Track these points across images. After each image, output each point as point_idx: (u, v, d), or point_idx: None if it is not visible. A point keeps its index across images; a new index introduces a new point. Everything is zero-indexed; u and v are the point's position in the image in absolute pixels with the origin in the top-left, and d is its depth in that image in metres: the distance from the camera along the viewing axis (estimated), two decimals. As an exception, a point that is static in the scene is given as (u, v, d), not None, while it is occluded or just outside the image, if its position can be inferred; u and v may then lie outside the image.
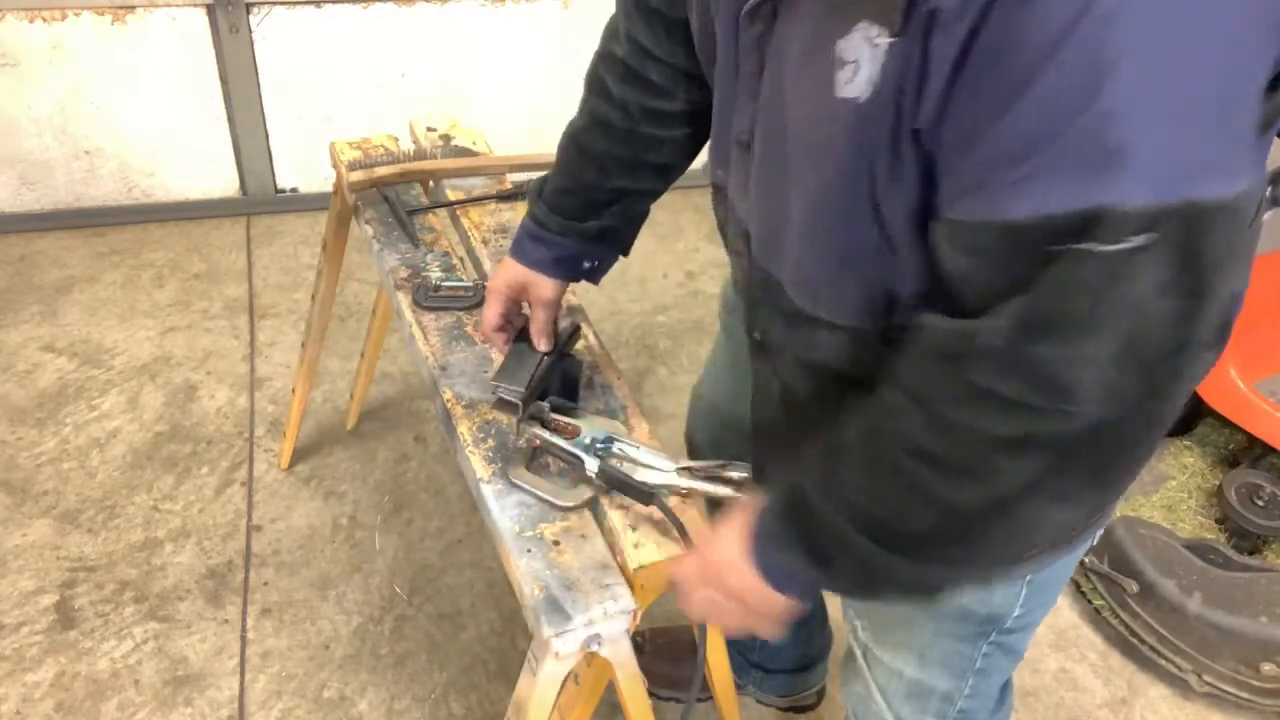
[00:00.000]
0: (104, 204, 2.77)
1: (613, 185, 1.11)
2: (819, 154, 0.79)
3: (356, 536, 1.96)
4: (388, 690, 1.70)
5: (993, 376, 0.70)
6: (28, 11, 2.45)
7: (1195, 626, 1.74)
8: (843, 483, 0.80)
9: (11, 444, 2.08)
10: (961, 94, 0.66)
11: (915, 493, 0.76)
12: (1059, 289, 0.65)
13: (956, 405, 0.72)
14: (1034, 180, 0.64)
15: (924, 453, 0.74)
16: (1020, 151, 0.64)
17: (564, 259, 1.14)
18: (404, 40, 2.75)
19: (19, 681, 1.67)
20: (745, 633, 0.92)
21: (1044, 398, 0.68)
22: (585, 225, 1.13)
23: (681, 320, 2.61)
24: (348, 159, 1.56)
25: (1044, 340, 0.67)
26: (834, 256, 0.84)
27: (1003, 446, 0.72)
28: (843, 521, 0.80)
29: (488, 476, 1.08)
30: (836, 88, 0.73)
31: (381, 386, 2.29)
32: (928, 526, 0.77)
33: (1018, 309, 0.67)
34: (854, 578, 0.84)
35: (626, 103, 1.07)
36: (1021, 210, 0.65)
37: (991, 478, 0.73)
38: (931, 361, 0.74)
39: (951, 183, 0.70)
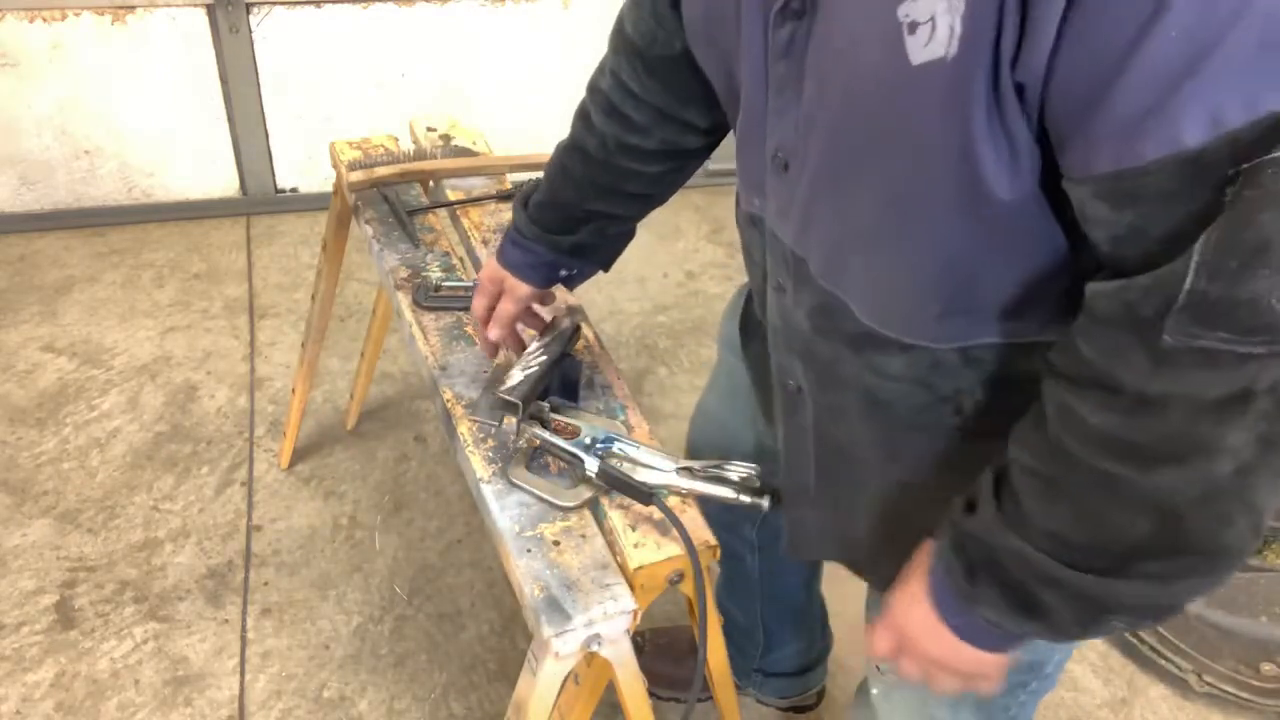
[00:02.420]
0: (104, 204, 2.77)
1: (588, 207, 1.13)
2: (898, 139, 0.71)
3: (356, 536, 1.96)
4: (388, 690, 1.70)
5: (1195, 329, 0.61)
6: (28, 11, 2.45)
7: (1195, 626, 1.74)
8: (1027, 516, 0.72)
9: (11, 444, 2.08)
10: (1077, 26, 0.59)
11: (1117, 499, 0.67)
12: (1260, 208, 0.58)
13: (1155, 375, 0.63)
14: (1205, 97, 0.57)
15: (1118, 446, 0.66)
16: (1179, 71, 0.57)
17: (539, 265, 1.16)
18: (404, 40, 2.75)
19: (19, 681, 1.67)
20: (966, 691, 0.86)
21: (1256, 340, 0.60)
22: (559, 239, 1.15)
23: (681, 320, 2.61)
24: (348, 159, 1.56)
25: (1249, 271, 0.59)
26: (915, 256, 0.77)
27: (1215, 412, 0.63)
28: (1041, 559, 0.71)
29: (488, 476, 1.08)
30: (912, 55, 0.66)
31: (381, 386, 2.29)
32: (1142, 535, 0.68)
33: (1214, 243, 0.59)
34: (1073, 618, 0.74)
35: (604, 135, 1.08)
36: (1196, 135, 0.58)
37: (1205, 455, 0.64)
38: (1116, 333, 0.65)
39: (1091, 132, 0.62)
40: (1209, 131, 0.58)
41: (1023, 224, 0.71)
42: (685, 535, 1.00)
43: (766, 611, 1.55)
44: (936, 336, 0.81)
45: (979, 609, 0.77)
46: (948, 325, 0.80)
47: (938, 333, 0.81)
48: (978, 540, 0.76)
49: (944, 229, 0.74)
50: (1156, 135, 0.59)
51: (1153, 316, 0.62)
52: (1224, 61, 0.56)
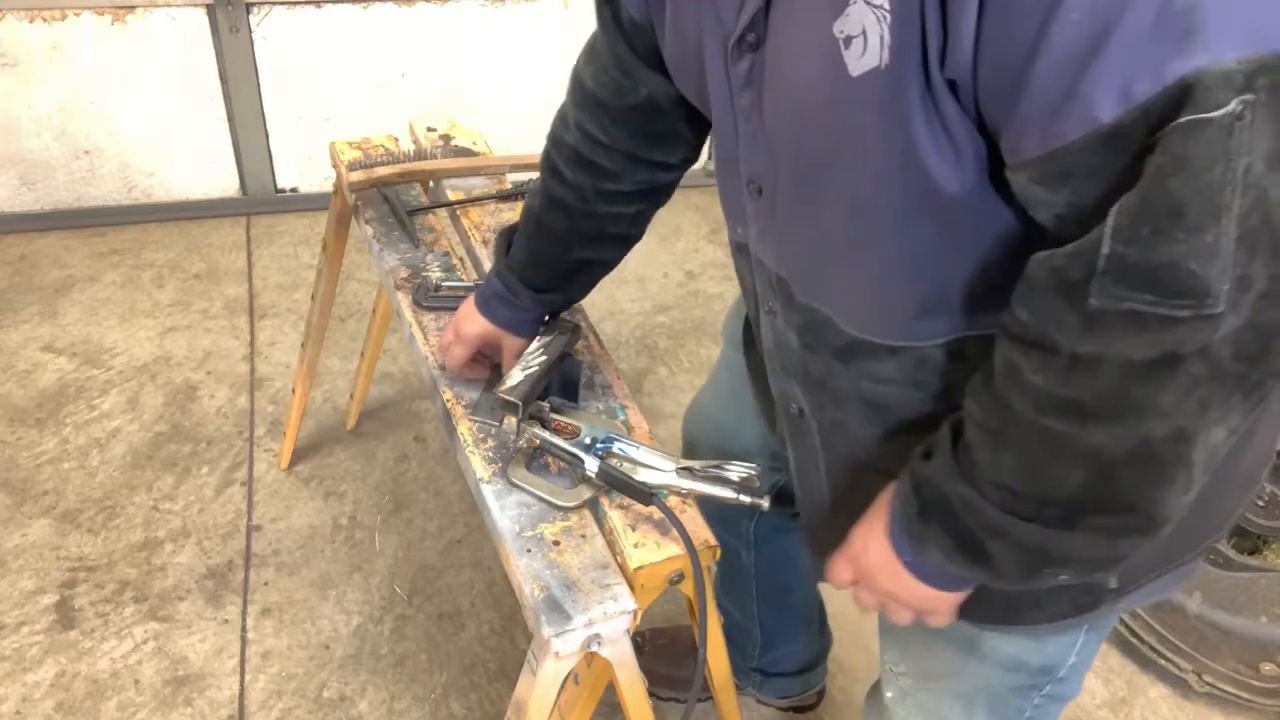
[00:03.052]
0: (104, 204, 2.77)
1: (576, 257, 1.16)
2: (849, 150, 0.75)
3: (356, 536, 1.96)
4: (388, 690, 1.70)
5: (1119, 291, 0.63)
6: (28, 11, 2.45)
7: (1195, 626, 1.74)
8: (975, 466, 0.75)
9: (11, 444, 2.08)
10: (993, 19, 0.62)
11: (1055, 452, 0.70)
12: (1169, 173, 0.60)
13: (1086, 335, 0.66)
14: (1111, 72, 0.60)
15: (1056, 403, 0.69)
16: (1085, 50, 0.60)
17: (530, 321, 1.21)
18: (404, 40, 2.75)
19: (19, 681, 1.67)
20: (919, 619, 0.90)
21: (1180, 303, 0.62)
22: (553, 296, 1.19)
23: (681, 320, 2.61)
24: (348, 159, 1.56)
25: (1166, 233, 0.61)
26: (885, 262, 0.80)
27: (1144, 373, 0.65)
28: (987, 507, 0.75)
29: (488, 476, 1.08)
30: (850, 67, 0.70)
31: (381, 386, 2.29)
32: (1078, 486, 0.71)
33: (1129, 206, 0.62)
34: (1017, 566, 0.78)
35: (580, 186, 1.10)
36: (1109, 110, 0.60)
37: (1137, 415, 0.67)
38: (1047, 297, 0.68)
39: (1018, 117, 0.65)
40: (1121, 105, 0.60)
41: (976, 216, 0.74)
42: (685, 535, 1.00)
43: (763, 609, 1.55)
44: (918, 335, 0.83)
45: (928, 550, 0.81)
46: (927, 324, 0.82)
47: (919, 332, 0.83)
48: (931, 485, 0.79)
49: (905, 232, 0.76)
50: (1075, 114, 0.62)
51: (1079, 280, 0.65)
52: (1125, 37, 0.59)
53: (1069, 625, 0.93)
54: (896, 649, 1.10)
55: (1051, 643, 0.96)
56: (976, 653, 0.98)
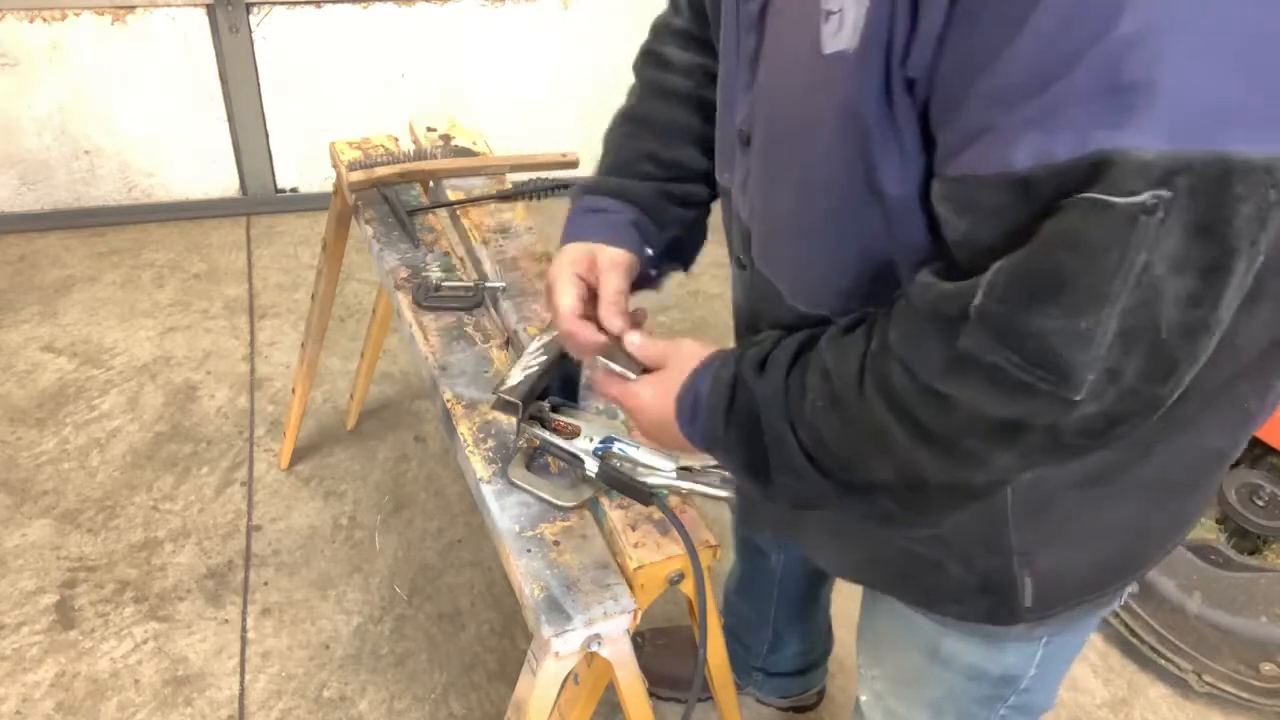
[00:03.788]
0: (104, 204, 2.77)
1: (671, 155, 1.01)
2: (809, 128, 0.72)
3: (356, 536, 1.96)
4: (388, 690, 1.70)
5: (986, 345, 0.62)
6: (28, 11, 2.44)
7: (1195, 626, 1.74)
8: (802, 407, 0.75)
9: (11, 444, 2.08)
10: (959, 25, 0.59)
11: (883, 448, 0.71)
12: (1060, 245, 0.57)
13: (946, 376, 0.65)
14: (1040, 123, 0.56)
15: (903, 411, 0.68)
16: (1023, 89, 0.57)
17: (624, 225, 0.99)
18: (404, 40, 2.75)
19: (19, 681, 1.67)
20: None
21: (1041, 376, 0.61)
22: (641, 189, 1.01)
23: (681, 320, 2.61)
24: (348, 159, 1.56)
25: (1041, 306, 0.59)
26: (831, 245, 0.77)
27: (991, 432, 0.65)
28: (795, 448, 0.76)
29: (488, 476, 1.08)
30: (825, 44, 0.67)
31: (381, 386, 2.29)
32: (885, 479, 0.73)
33: (1014, 265, 0.59)
34: (791, 497, 0.81)
35: (690, 67, 1.00)
36: (1025, 158, 0.57)
37: (968, 462, 0.68)
38: (922, 325, 0.67)
39: (949, 134, 0.63)
40: (1035, 158, 0.57)
41: (914, 217, 0.71)
42: (685, 535, 1.00)
43: (780, 612, 1.55)
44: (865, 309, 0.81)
45: (716, 451, 0.83)
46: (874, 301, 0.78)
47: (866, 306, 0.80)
48: (749, 395, 0.79)
49: (848, 219, 0.74)
50: (993, 150, 0.59)
51: (954, 318, 0.63)
52: (1065, 89, 0.55)
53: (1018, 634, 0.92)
54: (869, 653, 1.11)
55: (1010, 652, 0.95)
56: (939, 658, 0.98)
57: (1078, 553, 0.87)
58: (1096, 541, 0.87)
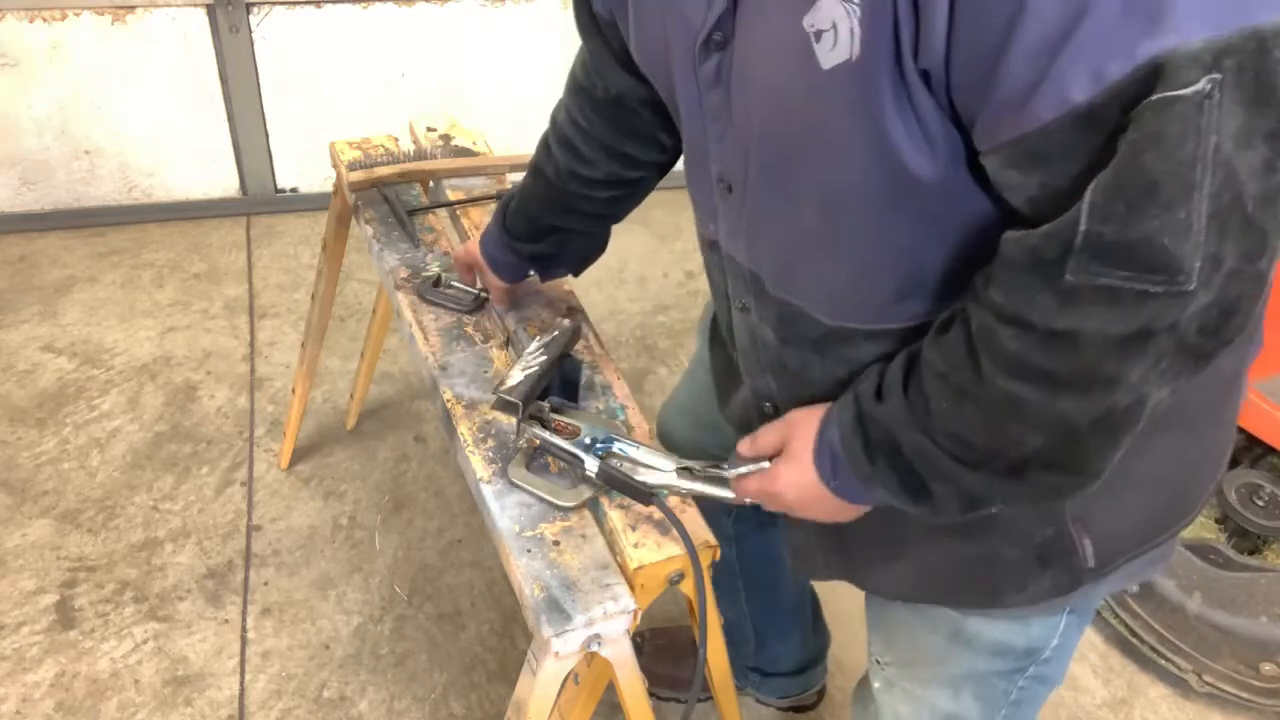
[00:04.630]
0: (104, 204, 2.77)
1: (548, 222, 1.22)
2: (822, 143, 0.76)
3: (356, 536, 1.96)
4: (388, 690, 1.70)
5: (1095, 268, 0.65)
6: (28, 11, 2.45)
7: (1195, 626, 1.74)
8: (931, 415, 0.77)
9: (11, 444, 2.08)
10: (965, 14, 0.64)
11: (1022, 416, 0.72)
12: (1143, 149, 0.61)
13: (1061, 312, 0.67)
14: (1085, 56, 0.61)
15: (1030, 371, 0.70)
16: (1058, 36, 0.61)
17: (507, 264, 1.28)
18: (404, 40, 2.75)
19: (19, 681, 1.67)
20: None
21: (1155, 278, 0.64)
22: (523, 246, 1.25)
23: (681, 320, 2.61)
24: (348, 159, 1.56)
25: (1140, 210, 0.62)
26: (862, 252, 0.81)
27: (1119, 347, 0.67)
28: (940, 456, 0.77)
29: (488, 476, 1.08)
30: (821, 61, 0.71)
31: (381, 386, 2.29)
32: (1036, 448, 0.74)
33: (1106, 182, 0.63)
34: (956, 505, 0.81)
35: (558, 163, 1.17)
36: (1082, 91, 0.62)
37: (1108, 387, 0.69)
38: (1022, 275, 0.69)
39: (991, 107, 0.66)
40: (1094, 86, 0.61)
41: (951, 204, 0.75)
42: (685, 535, 1.00)
43: (752, 606, 1.55)
44: (898, 318, 0.84)
45: (874, 488, 0.84)
46: (906, 306, 0.83)
47: (898, 314, 0.84)
48: (882, 427, 0.81)
49: (881, 222, 0.78)
50: (1048, 97, 0.63)
51: (1055, 259, 0.66)
52: (1096, 21, 0.60)
53: (1051, 607, 0.95)
54: (882, 640, 1.12)
55: (1036, 625, 0.97)
56: (961, 639, 0.99)
57: (1130, 502, 0.89)
58: (1144, 487, 0.89)
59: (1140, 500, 0.90)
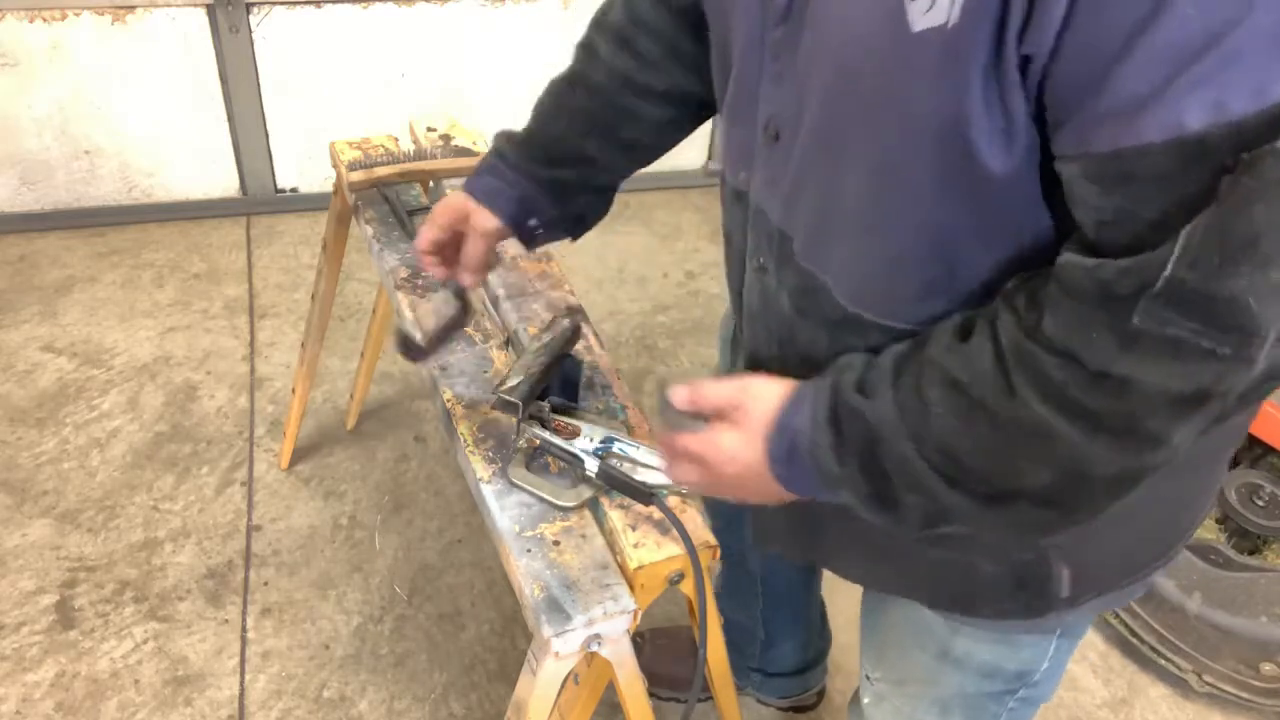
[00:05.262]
0: (104, 204, 2.77)
1: (578, 146, 1.05)
2: (890, 110, 0.68)
3: (356, 536, 1.96)
4: (388, 690, 1.70)
5: (1168, 317, 0.59)
6: (28, 11, 2.45)
7: (1195, 626, 1.74)
8: (928, 424, 0.71)
9: (11, 444, 2.08)
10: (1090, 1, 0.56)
11: (1042, 448, 0.66)
12: (1254, 199, 0.55)
13: (1120, 356, 0.61)
14: (1213, 79, 0.55)
15: (1073, 405, 0.64)
16: (1193, 46, 0.54)
17: (513, 198, 1.06)
18: (404, 40, 2.75)
19: (19, 681, 1.67)
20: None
21: (1228, 339, 0.59)
22: (542, 170, 1.06)
23: (681, 320, 2.61)
24: (348, 159, 1.56)
25: (1235, 265, 0.57)
26: (900, 236, 0.74)
27: (1171, 405, 0.62)
28: (923, 468, 0.71)
29: (488, 476, 1.08)
30: (911, 20, 0.62)
31: (381, 386, 2.29)
32: (1036, 483, 0.68)
33: (1206, 227, 0.57)
34: (920, 521, 0.75)
35: (613, 69, 1.02)
36: (1198, 119, 0.55)
37: (1150, 443, 0.64)
38: (1088, 308, 0.62)
39: (1094, 108, 0.59)
40: (1213, 116, 0.55)
41: (1013, 203, 0.69)
42: (685, 535, 1.00)
43: (768, 611, 1.55)
44: (916, 317, 0.78)
45: (836, 490, 0.76)
46: (927, 305, 0.77)
47: (918, 313, 0.78)
48: (863, 427, 0.74)
49: (930, 206, 0.71)
50: (1159, 117, 0.57)
51: (1127, 297, 0.60)
52: (1238, 45, 0.54)
53: (1036, 627, 0.92)
54: (873, 656, 1.10)
55: (1026, 648, 0.95)
56: (950, 659, 0.97)
57: (1114, 537, 0.85)
58: (1131, 523, 0.84)
59: (1126, 536, 0.86)
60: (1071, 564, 0.85)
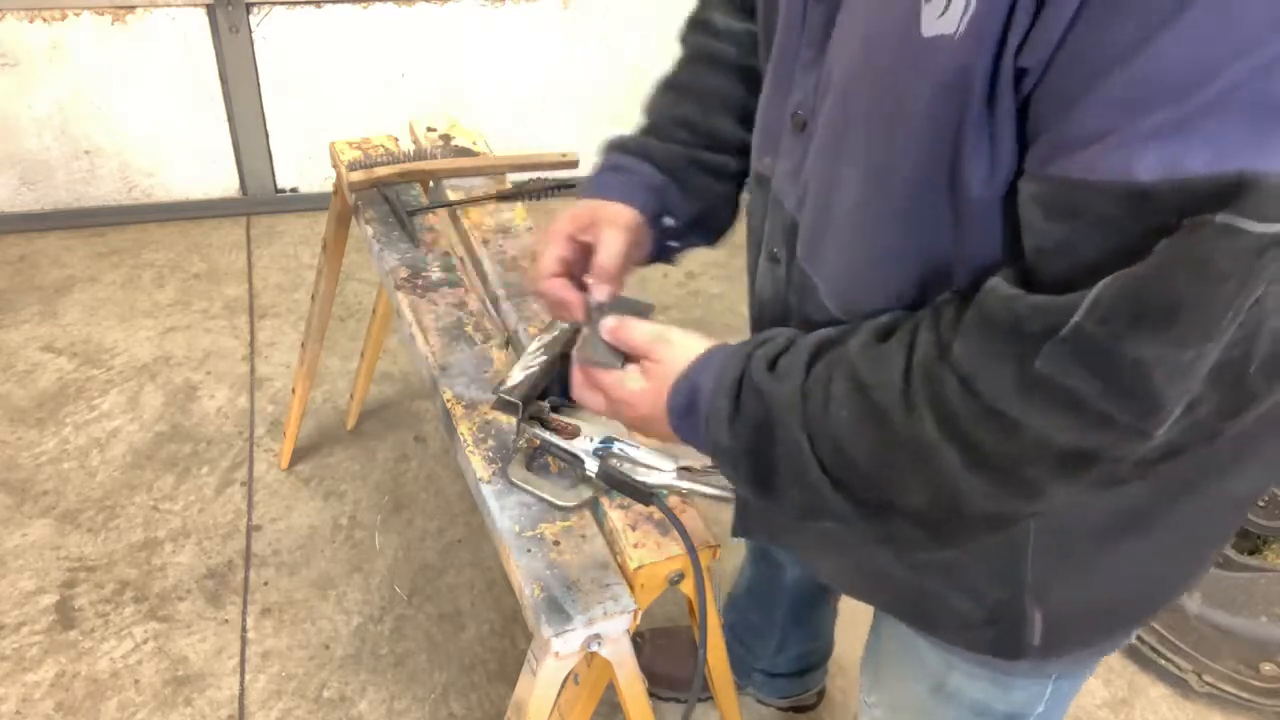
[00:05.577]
0: (104, 204, 2.77)
1: (708, 124, 0.96)
2: (890, 116, 0.66)
3: (356, 536, 1.96)
4: (388, 690, 1.70)
5: (1071, 369, 0.57)
6: (28, 11, 2.44)
7: (1195, 626, 1.74)
8: (829, 420, 0.69)
9: (11, 444, 2.08)
10: (1095, 16, 0.53)
11: (924, 468, 0.65)
12: (1182, 268, 0.52)
13: (1016, 399, 0.59)
14: (1174, 133, 0.51)
15: (962, 435, 0.62)
16: (1162, 92, 0.51)
17: (641, 185, 0.95)
18: (404, 40, 2.75)
19: (19, 681, 1.67)
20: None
21: (1125, 407, 0.56)
22: (673, 152, 0.96)
23: (681, 320, 2.60)
24: (348, 159, 1.56)
25: (1148, 332, 0.54)
26: (890, 245, 0.71)
27: (1056, 462, 0.60)
28: (812, 462, 0.70)
29: (488, 476, 1.08)
30: (923, 24, 0.60)
31: (381, 386, 2.29)
32: (913, 503, 0.67)
33: (1126, 285, 0.54)
34: (796, 510, 0.75)
35: (737, 34, 0.94)
36: (1150, 169, 0.52)
37: (1025, 491, 0.63)
38: (996, 340, 0.61)
39: (1057, 132, 0.57)
40: (1164, 171, 0.52)
41: (988, 229, 0.66)
42: (685, 535, 1.00)
43: (789, 616, 1.54)
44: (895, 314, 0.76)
45: (721, 461, 0.76)
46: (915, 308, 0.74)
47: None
48: (763, 405, 0.72)
49: (912, 219, 0.68)
50: (1111, 156, 0.54)
51: (1035, 336, 0.58)
52: (1210, 101, 0.51)
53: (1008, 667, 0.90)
54: (870, 679, 1.10)
55: (1019, 690, 0.92)
56: (943, 692, 0.95)
57: (1093, 593, 0.82)
58: (1114, 584, 0.82)
59: (1107, 593, 0.83)
60: (1045, 610, 0.82)
